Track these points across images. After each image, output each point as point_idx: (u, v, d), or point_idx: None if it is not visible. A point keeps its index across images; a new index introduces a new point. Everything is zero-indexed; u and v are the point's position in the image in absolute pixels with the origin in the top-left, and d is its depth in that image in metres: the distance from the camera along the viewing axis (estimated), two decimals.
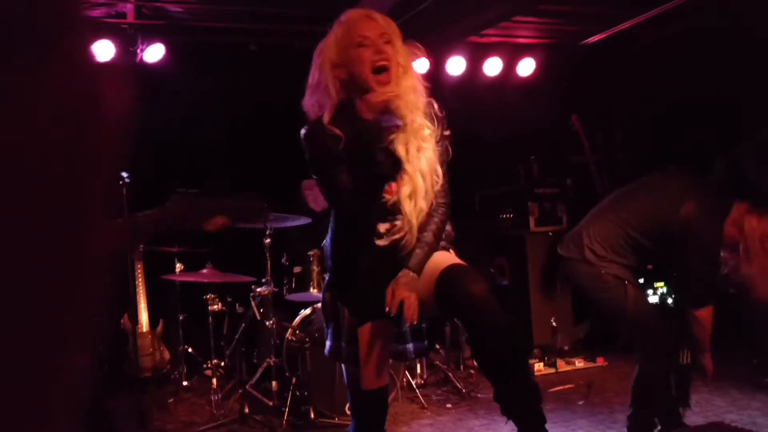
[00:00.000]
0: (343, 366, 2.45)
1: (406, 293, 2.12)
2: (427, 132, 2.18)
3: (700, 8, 5.41)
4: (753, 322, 4.60)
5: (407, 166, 2.15)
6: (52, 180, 0.44)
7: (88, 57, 0.48)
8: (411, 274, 2.16)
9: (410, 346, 2.35)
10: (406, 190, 2.17)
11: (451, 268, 2.15)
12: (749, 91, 5.31)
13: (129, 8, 4.99)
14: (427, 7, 4.78)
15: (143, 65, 5.12)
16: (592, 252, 3.16)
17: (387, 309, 2.12)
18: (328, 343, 2.42)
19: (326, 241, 2.43)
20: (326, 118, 2.19)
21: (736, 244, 2.92)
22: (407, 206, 2.16)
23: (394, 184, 2.19)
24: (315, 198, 5.21)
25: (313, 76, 2.24)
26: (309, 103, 2.27)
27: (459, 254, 2.36)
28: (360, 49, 2.14)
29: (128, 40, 5.11)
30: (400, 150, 2.15)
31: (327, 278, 2.48)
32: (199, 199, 1.79)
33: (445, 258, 2.23)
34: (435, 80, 5.90)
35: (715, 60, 5.67)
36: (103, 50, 4.84)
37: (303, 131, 2.24)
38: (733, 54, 5.52)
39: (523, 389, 2.16)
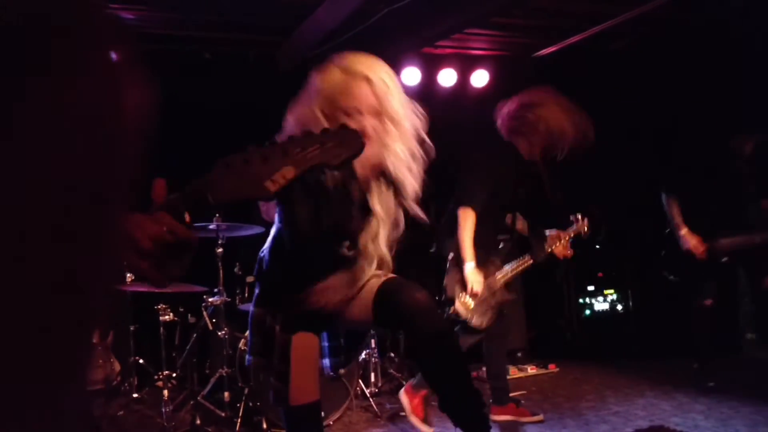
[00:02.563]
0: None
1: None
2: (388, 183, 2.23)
3: (649, 23, 5.58)
4: (696, 327, 4.75)
5: (374, 210, 2.20)
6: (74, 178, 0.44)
7: (115, 65, 0.49)
8: None
9: (326, 361, 2.37)
10: (370, 232, 2.21)
11: (390, 281, 2.19)
12: (695, 102, 5.50)
13: None
14: (381, 18, 4.82)
15: None
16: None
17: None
18: (248, 357, 2.36)
19: (264, 253, 2.36)
20: None
21: None
22: (370, 247, 2.21)
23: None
24: (267, 209, 5.20)
25: (302, 104, 2.22)
26: (291, 126, 2.24)
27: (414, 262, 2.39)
28: (344, 117, 2.15)
29: None
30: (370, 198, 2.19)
31: (257, 292, 2.39)
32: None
33: (378, 277, 2.26)
34: None
35: (664, 72, 5.86)
36: None
37: None
38: (680, 65, 5.71)
39: (467, 396, 2.21)
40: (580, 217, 4.20)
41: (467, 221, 3.65)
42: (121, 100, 0.49)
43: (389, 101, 2.21)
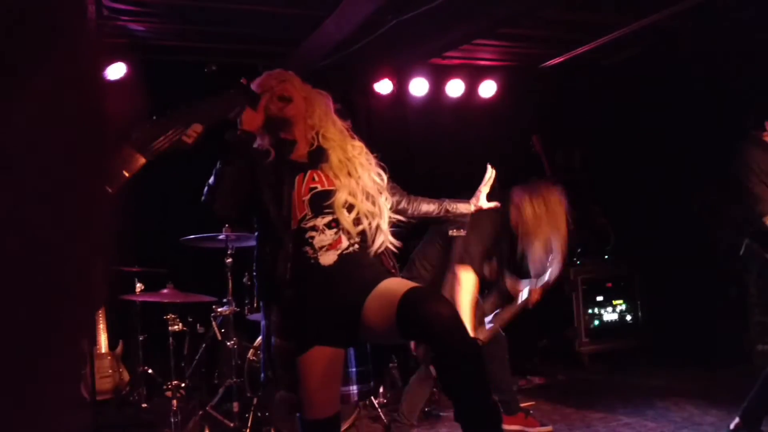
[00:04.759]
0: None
1: None
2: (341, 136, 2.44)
3: (656, 33, 5.58)
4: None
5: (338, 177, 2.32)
6: (50, 182, 0.45)
7: (93, 71, 0.49)
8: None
9: (354, 388, 2.36)
10: (340, 197, 2.26)
11: (413, 291, 2.17)
12: (702, 110, 5.49)
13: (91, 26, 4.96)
14: (389, 29, 4.84)
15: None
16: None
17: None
18: (262, 375, 2.42)
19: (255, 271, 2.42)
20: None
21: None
22: (343, 216, 2.26)
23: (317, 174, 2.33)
24: None
25: None
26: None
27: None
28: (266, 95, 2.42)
29: None
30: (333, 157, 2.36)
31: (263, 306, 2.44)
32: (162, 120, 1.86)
33: (401, 283, 2.25)
34: (399, 101, 6.01)
35: (669, 82, 5.85)
36: None
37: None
38: (685, 74, 5.70)
39: (486, 410, 2.19)
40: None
41: (469, 284, 3.55)
42: (98, 105, 0.50)
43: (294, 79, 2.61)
